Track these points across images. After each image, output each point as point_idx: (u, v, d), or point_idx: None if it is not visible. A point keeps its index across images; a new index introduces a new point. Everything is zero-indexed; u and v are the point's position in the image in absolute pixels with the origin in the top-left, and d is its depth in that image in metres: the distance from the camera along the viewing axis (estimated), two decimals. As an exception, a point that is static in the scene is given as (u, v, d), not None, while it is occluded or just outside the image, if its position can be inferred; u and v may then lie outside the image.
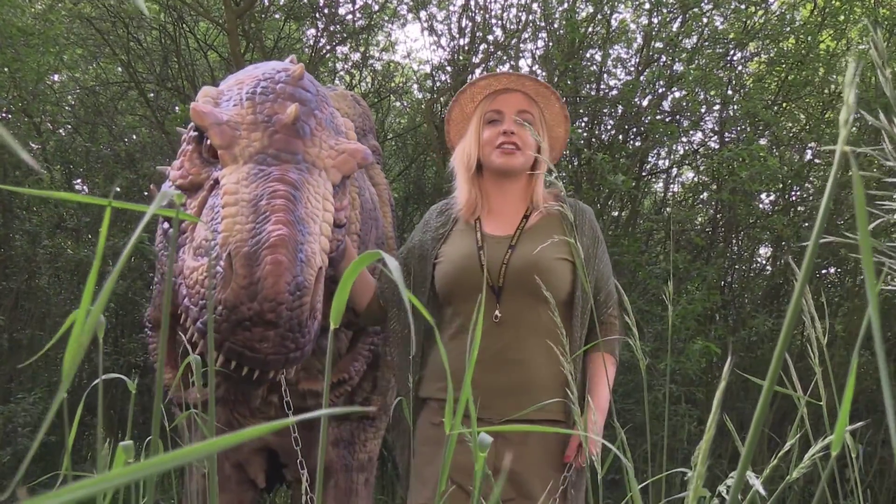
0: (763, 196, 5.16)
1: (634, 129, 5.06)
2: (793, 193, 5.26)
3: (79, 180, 5.50)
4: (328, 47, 5.49)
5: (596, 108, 4.87)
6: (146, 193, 4.86)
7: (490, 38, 5.16)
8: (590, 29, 4.86)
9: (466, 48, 5.19)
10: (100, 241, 0.66)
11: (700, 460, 0.43)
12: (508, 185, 1.86)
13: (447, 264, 1.80)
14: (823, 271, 5.15)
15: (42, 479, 2.09)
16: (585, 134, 4.79)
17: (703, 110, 4.88)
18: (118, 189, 4.93)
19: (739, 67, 5.12)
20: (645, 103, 4.86)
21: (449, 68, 5.25)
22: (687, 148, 5.33)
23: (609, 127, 5.14)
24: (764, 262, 5.62)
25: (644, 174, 5.31)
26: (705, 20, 4.84)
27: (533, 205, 1.84)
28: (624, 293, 1.19)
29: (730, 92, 4.86)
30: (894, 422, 0.35)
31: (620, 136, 5.04)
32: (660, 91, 4.84)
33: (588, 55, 5.00)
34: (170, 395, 1.98)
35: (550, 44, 4.87)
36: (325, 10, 5.28)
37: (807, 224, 4.90)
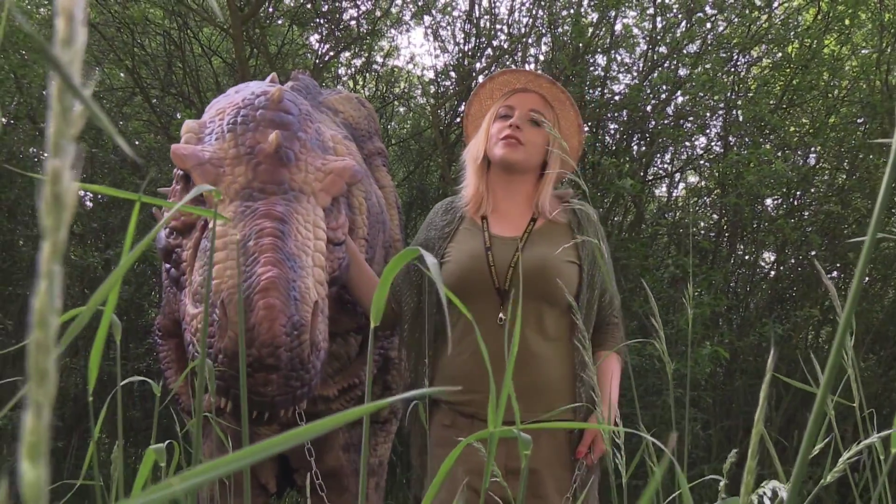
0: (768, 201, 5.15)
1: (639, 134, 5.06)
2: (797, 198, 5.25)
3: (83, 186, 5.49)
4: (332, 53, 5.50)
5: (600, 112, 4.87)
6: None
7: (494, 42, 5.17)
8: (594, 32, 4.87)
9: (470, 53, 5.19)
10: (127, 237, 0.66)
11: (750, 454, 0.43)
12: (515, 184, 1.84)
13: (453, 264, 1.78)
14: (829, 276, 5.14)
15: (52, 487, 2.08)
16: (589, 135, 4.79)
17: (707, 115, 4.88)
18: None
19: (743, 72, 5.13)
20: (649, 108, 4.86)
21: (453, 74, 5.26)
22: (691, 152, 5.33)
23: (613, 131, 5.15)
24: (767, 266, 5.61)
25: (649, 179, 5.31)
26: (709, 25, 4.85)
27: (539, 210, 1.82)
28: (652, 297, 1.19)
29: (733, 96, 4.86)
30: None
31: (624, 141, 5.05)
32: (663, 96, 4.84)
33: (592, 60, 5.00)
34: (181, 402, 1.97)
35: (556, 51, 4.87)
36: (329, 16, 5.29)
37: (811, 229, 4.89)
